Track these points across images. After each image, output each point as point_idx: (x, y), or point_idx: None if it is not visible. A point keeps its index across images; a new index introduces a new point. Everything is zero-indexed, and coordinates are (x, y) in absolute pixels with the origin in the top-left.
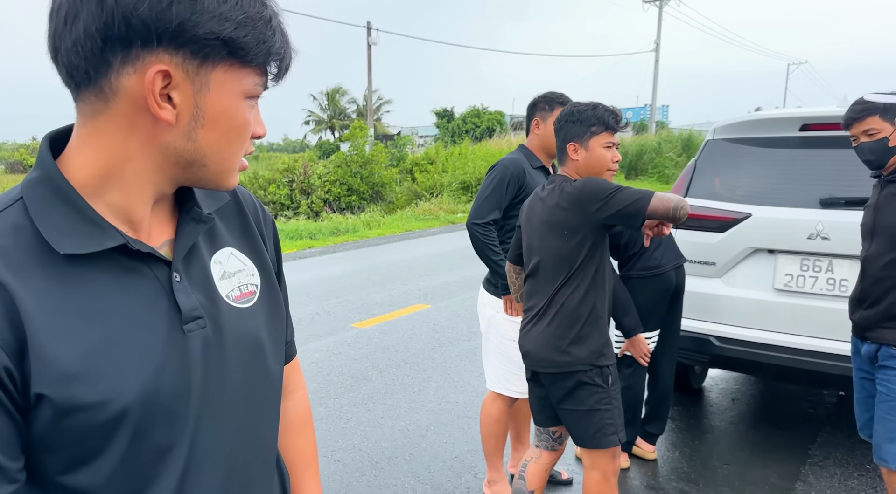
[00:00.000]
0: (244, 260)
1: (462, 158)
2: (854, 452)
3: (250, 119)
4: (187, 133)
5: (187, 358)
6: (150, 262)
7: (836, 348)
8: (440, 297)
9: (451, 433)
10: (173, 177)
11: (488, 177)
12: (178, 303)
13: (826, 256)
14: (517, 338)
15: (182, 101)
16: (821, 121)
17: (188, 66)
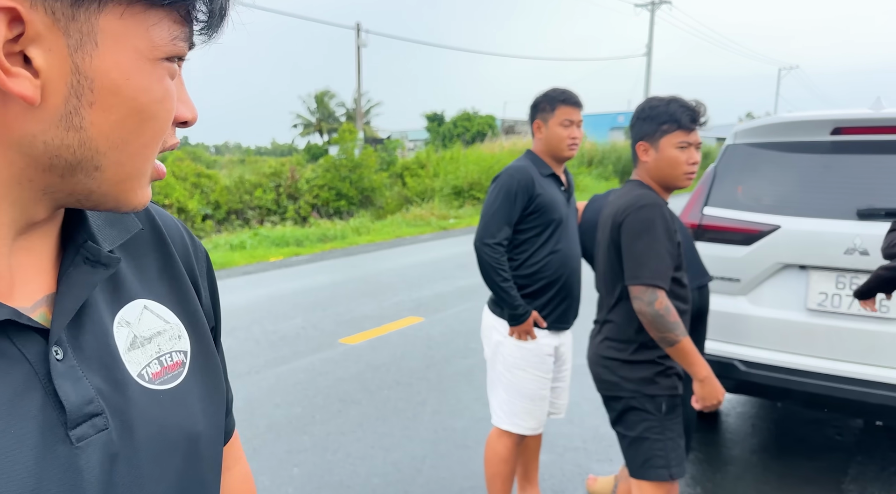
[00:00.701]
0: (166, 315)
1: (454, 163)
2: (892, 488)
3: (170, 91)
4: (65, 116)
5: (77, 483)
6: (13, 334)
7: (876, 374)
8: (434, 309)
9: (449, 466)
10: (46, 193)
11: (493, 189)
12: (60, 396)
13: (865, 273)
14: (528, 367)
15: (50, 65)
16: (855, 125)
17: (54, 3)
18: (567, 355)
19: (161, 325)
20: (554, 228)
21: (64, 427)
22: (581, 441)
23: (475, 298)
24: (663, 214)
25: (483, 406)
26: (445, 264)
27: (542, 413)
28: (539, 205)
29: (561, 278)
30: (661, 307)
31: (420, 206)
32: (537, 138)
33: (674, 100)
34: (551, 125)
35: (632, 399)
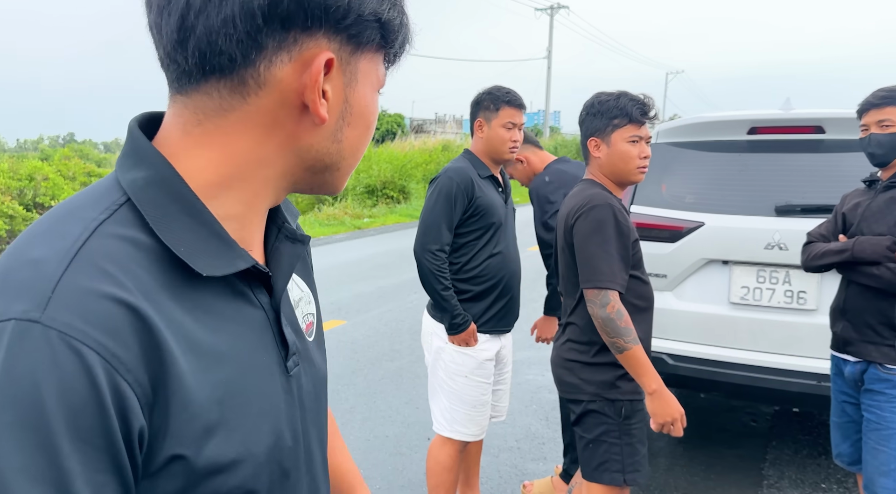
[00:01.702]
0: (301, 285)
1: (365, 161)
2: (805, 469)
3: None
4: (333, 133)
5: (295, 404)
6: (254, 286)
7: (796, 364)
8: (356, 311)
9: (384, 475)
10: (294, 184)
11: (432, 192)
12: (287, 338)
13: (783, 267)
14: (469, 374)
15: (334, 96)
16: (769, 124)
17: (343, 53)
18: (508, 357)
19: (300, 293)
20: (494, 231)
21: (284, 360)
22: (515, 440)
23: (397, 298)
24: (614, 214)
25: (414, 410)
26: (363, 264)
27: (484, 418)
28: (479, 208)
29: (502, 281)
30: (612, 311)
31: (333, 206)
32: (478, 137)
33: (623, 94)
34: (494, 126)
35: (591, 402)
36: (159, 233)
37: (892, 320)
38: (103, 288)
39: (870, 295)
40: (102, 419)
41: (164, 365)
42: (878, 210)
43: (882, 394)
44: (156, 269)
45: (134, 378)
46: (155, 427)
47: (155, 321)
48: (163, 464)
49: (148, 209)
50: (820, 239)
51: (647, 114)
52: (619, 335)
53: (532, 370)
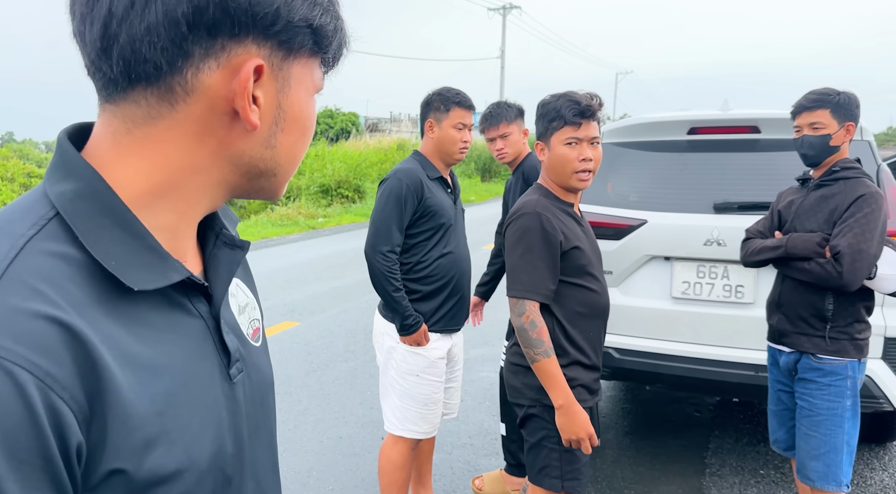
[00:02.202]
0: (246, 290)
1: (319, 160)
2: (746, 457)
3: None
4: (267, 138)
5: (239, 410)
6: (192, 296)
7: (735, 356)
8: (310, 313)
9: (337, 477)
10: (231, 190)
11: (382, 193)
12: (228, 345)
13: (722, 262)
14: (421, 373)
15: (266, 102)
16: (708, 125)
17: (273, 59)
18: (459, 355)
19: (245, 299)
20: (444, 231)
21: (226, 368)
22: (468, 437)
23: (352, 299)
24: (541, 223)
25: (368, 410)
26: (317, 264)
27: (435, 416)
28: (428, 209)
29: (452, 280)
30: (526, 321)
31: (286, 206)
32: (428, 137)
33: (563, 95)
34: (444, 126)
35: (532, 407)
36: (89, 247)
37: (823, 312)
38: (34, 306)
39: (802, 289)
40: (38, 438)
41: (101, 380)
42: (809, 208)
43: (814, 383)
44: (88, 284)
45: (69, 395)
46: (93, 443)
47: (89, 337)
48: (102, 478)
49: (77, 222)
50: (757, 235)
51: (582, 115)
52: (530, 346)
53: (485, 367)
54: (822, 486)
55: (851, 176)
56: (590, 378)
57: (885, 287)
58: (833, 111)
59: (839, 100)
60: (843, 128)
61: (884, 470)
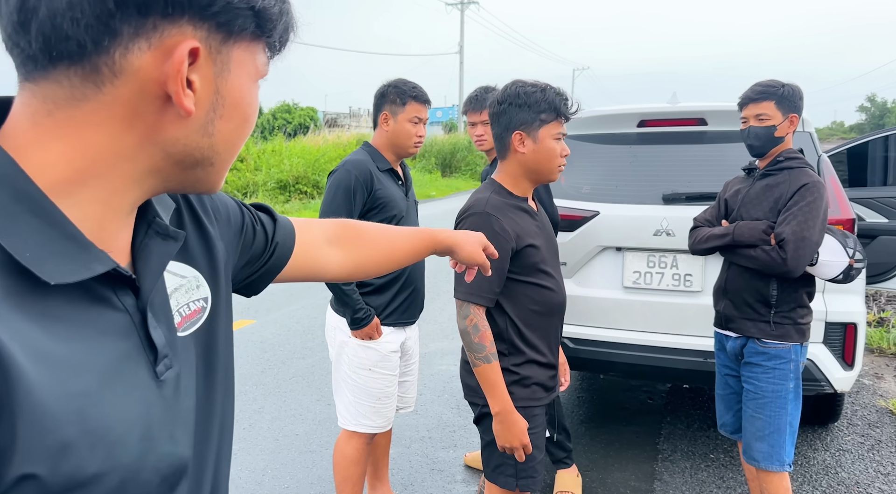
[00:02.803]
0: (182, 270)
1: (276, 156)
2: (696, 442)
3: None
4: (203, 125)
5: (173, 407)
6: (117, 288)
7: (684, 343)
8: (266, 310)
9: (293, 474)
10: (166, 181)
11: (331, 185)
12: (155, 341)
13: (671, 252)
14: (374, 367)
15: (202, 87)
16: (657, 117)
17: (211, 41)
18: (414, 349)
19: (179, 281)
20: (395, 224)
21: (152, 365)
22: (426, 430)
23: (309, 296)
24: (490, 224)
25: (325, 407)
26: None
27: (389, 410)
28: (378, 201)
29: (404, 273)
30: (469, 324)
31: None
32: (382, 130)
33: (548, 87)
34: (400, 120)
35: (486, 406)
36: (0, 237)
37: (767, 298)
38: None
39: (748, 276)
40: None
41: (9, 379)
42: (755, 196)
43: (759, 366)
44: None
45: None
46: (1, 447)
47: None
48: (11, 485)
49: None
50: (705, 223)
51: (573, 112)
52: (472, 350)
53: (445, 360)
54: (766, 466)
55: (795, 166)
56: (545, 376)
57: (825, 273)
58: (778, 103)
59: (783, 93)
60: (787, 119)
61: (826, 451)
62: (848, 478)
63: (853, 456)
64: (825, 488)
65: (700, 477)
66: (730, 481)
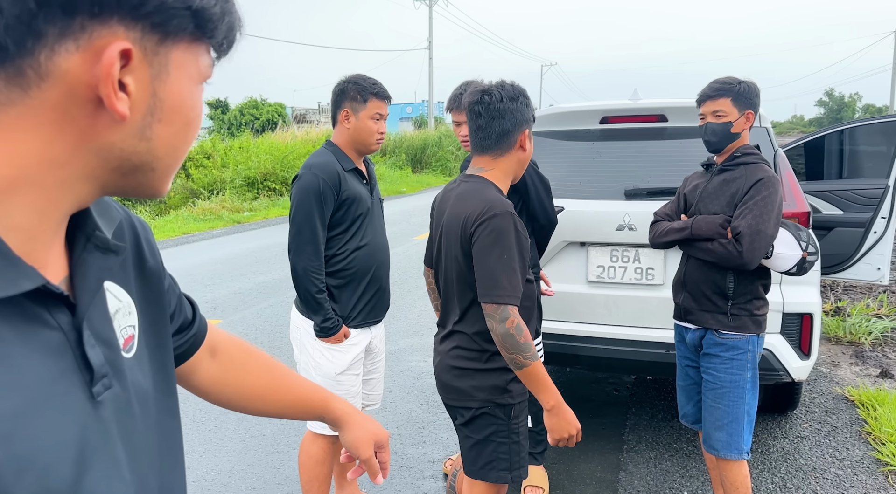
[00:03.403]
0: (120, 294)
1: (244, 152)
2: (660, 433)
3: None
4: (140, 130)
5: (110, 430)
6: (51, 306)
7: (647, 335)
8: (233, 309)
9: (260, 475)
10: (103, 187)
11: (299, 191)
12: (91, 360)
13: (633, 246)
14: (340, 369)
15: (138, 89)
16: (619, 114)
17: (146, 43)
18: (380, 347)
19: (117, 304)
20: (360, 223)
21: (88, 385)
22: (395, 426)
23: (278, 294)
24: (515, 223)
25: None
26: (242, 260)
27: None
28: (345, 201)
29: (370, 272)
30: (511, 326)
31: (209, 200)
32: (343, 127)
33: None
34: (362, 117)
35: (482, 407)
36: None
37: (724, 290)
38: None
39: (706, 269)
40: None
41: None
42: (713, 191)
43: (717, 357)
44: None
45: None
46: None
47: None
48: None
49: None
50: (665, 218)
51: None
52: (519, 351)
53: (415, 357)
54: (725, 455)
55: (751, 161)
56: None
57: (780, 265)
58: (734, 99)
59: (740, 89)
60: (743, 115)
61: (784, 438)
62: (805, 464)
63: (811, 443)
64: (784, 474)
65: (664, 467)
66: (693, 470)
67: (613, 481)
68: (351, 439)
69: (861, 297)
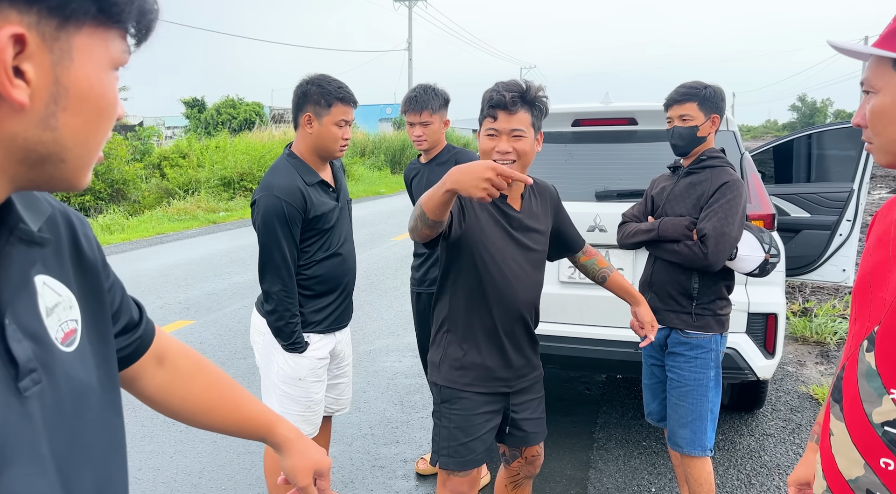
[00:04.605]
0: (59, 288)
1: (220, 152)
2: (630, 430)
3: (117, 95)
4: (44, 119)
5: (36, 426)
6: None
7: (616, 335)
8: (206, 310)
9: (231, 476)
10: (12, 181)
11: (264, 216)
12: (15, 355)
13: (604, 247)
14: (303, 376)
15: (38, 76)
16: (590, 117)
17: (44, 27)
18: (346, 351)
19: (56, 298)
20: (328, 234)
21: (14, 380)
22: (369, 427)
23: (253, 294)
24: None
25: None
26: (217, 260)
27: (317, 417)
28: (313, 220)
29: (340, 281)
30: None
31: (184, 200)
32: (306, 133)
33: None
34: (325, 123)
35: (431, 382)
36: None
37: (689, 291)
38: None
39: (672, 270)
40: None
41: None
42: (679, 193)
43: (682, 356)
44: None
45: None
46: None
47: None
48: None
49: None
50: (633, 219)
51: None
52: (413, 218)
53: (389, 357)
54: (689, 452)
55: (717, 164)
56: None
57: (743, 267)
58: (700, 104)
59: (706, 94)
60: (709, 119)
61: (750, 436)
62: (770, 461)
63: (776, 440)
64: (749, 471)
65: (633, 464)
66: (661, 467)
67: (583, 478)
68: (290, 465)
69: (828, 298)
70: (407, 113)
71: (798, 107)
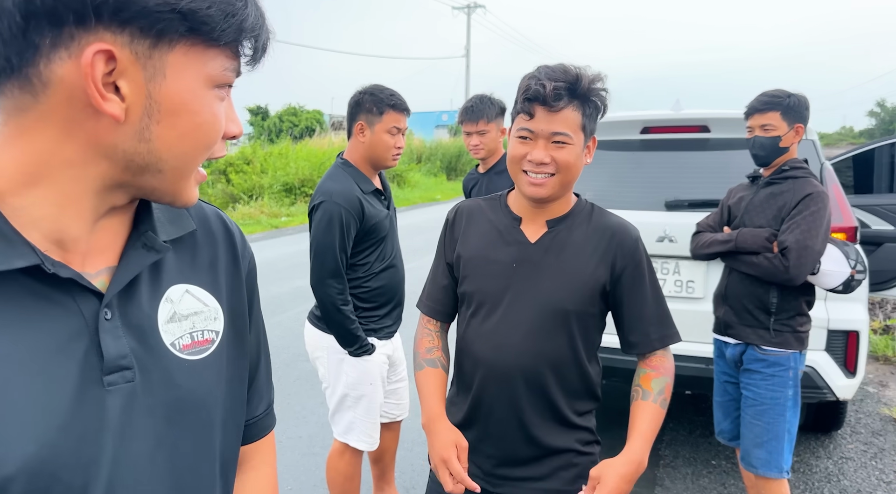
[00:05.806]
0: (206, 298)
1: (283, 158)
2: (698, 448)
3: (219, 113)
4: (139, 131)
5: (102, 419)
6: (76, 293)
7: (686, 349)
8: (271, 313)
9: (296, 476)
10: (121, 187)
11: (321, 219)
12: (102, 347)
13: (673, 258)
14: (370, 382)
15: (132, 92)
16: (660, 124)
17: (137, 47)
18: (401, 356)
19: (199, 307)
20: (383, 245)
21: (100, 372)
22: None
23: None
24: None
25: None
26: (279, 264)
27: (379, 424)
28: (369, 228)
29: (396, 291)
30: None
31: (248, 205)
32: (359, 141)
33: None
34: (377, 131)
35: None
36: None
37: (767, 305)
38: None
39: (748, 283)
40: None
41: None
42: (759, 204)
43: (758, 373)
44: None
45: None
46: None
47: None
48: None
49: None
50: (707, 229)
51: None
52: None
53: None
54: (764, 473)
55: (800, 175)
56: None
57: (827, 282)
58: (783, 113)
59: (789, 103)
60: (792, 129)
61: (828, 458)
62: (850, 486)
63: (856, 464)
64: None
65: (701, 483)
66: (731, 487)
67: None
68: None
69: None
70: (464, 123)
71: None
